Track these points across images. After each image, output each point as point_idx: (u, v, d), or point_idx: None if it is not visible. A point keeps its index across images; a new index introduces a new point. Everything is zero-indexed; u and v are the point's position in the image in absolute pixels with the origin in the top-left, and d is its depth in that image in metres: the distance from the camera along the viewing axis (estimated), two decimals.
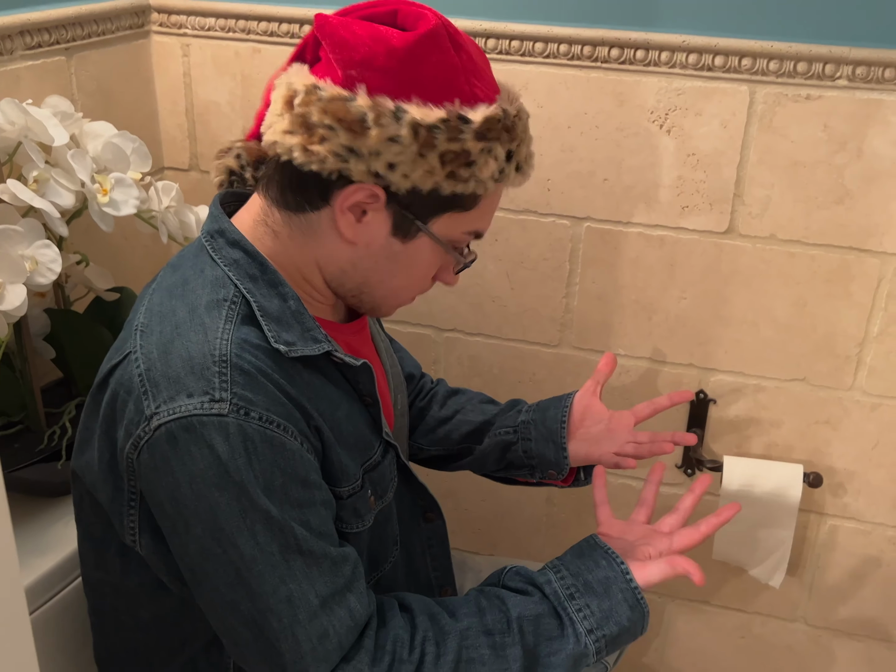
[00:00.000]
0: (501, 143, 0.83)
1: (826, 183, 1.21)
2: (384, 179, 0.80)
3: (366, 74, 0.78)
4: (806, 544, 1.41)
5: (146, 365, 0.79)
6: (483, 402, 1.23)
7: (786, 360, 1.32)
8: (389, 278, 0.90)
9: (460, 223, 0.87)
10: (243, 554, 0.77)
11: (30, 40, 1.14)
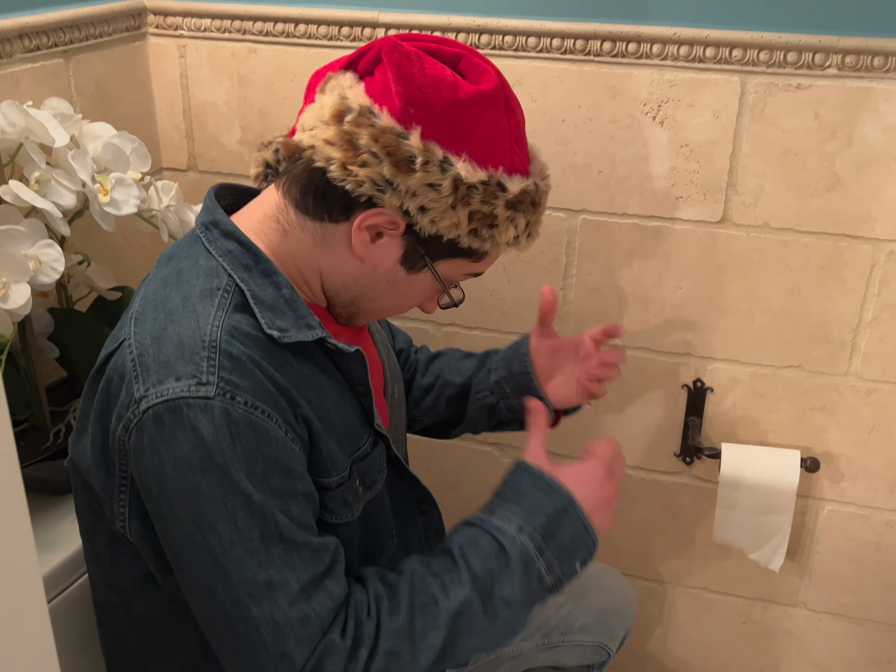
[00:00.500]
0: (525, 215, 0.87)
1: (818, 171, 1.22)
2: (412, 218, 0.83)
3: (423, 116, 0.81)
4: (804, 529, 1.43)
5: (139, 350, 0.81)
6: (461, 360, 1.23)
7: (781, 347, 1.33)
8: (382, 298, 0.93)
9: (464, 268, 0.91)
10: (222, 538, 0.78)
11: (28, 43, 1.15)
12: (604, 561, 1.55)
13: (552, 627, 1.24)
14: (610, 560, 1.55)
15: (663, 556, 1.53)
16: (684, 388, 1.40)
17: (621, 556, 1.54)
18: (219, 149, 1.45)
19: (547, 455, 0.95)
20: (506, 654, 1.23)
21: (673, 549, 1.52)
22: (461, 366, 1.22)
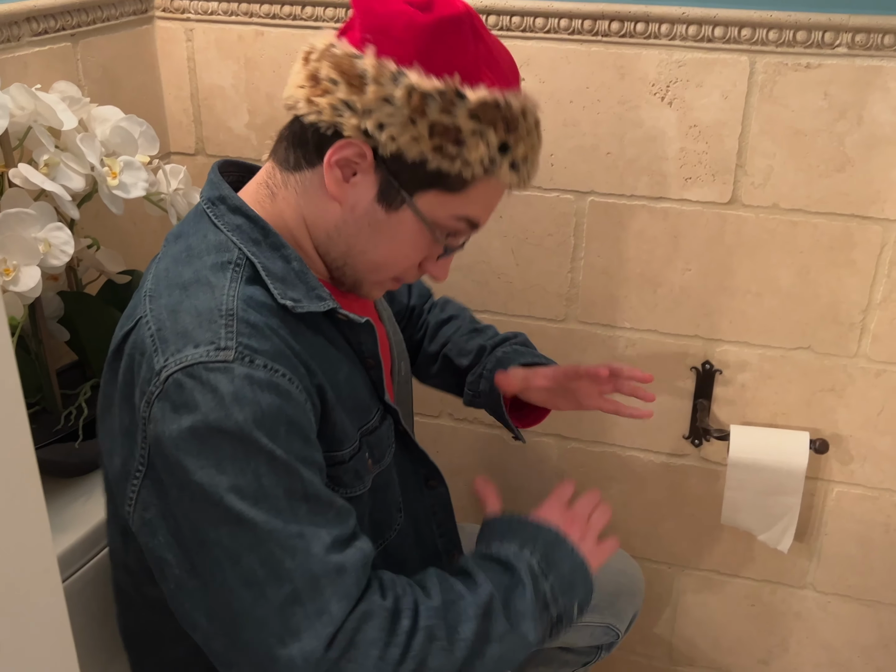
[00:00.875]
0: (496, 131, 0.82)
1: (827, 151, 1.21)
2: (373, 139, 0.82)
3: (379, 38, 0.81)
4: (813, 511, 1.43)
5: (157, 325, 0.81)
6: (466, 336, 1.23)
7: (790, 329, 1.33)
8: (372, 248, 0.89)
9: (447, 205, 0.87)
10: (246, 496, 0.76)
11: (36, 27, 1.15)
12: None
13: None
14: (619, 543, 1.55)
15: (672, 539, 1.53)
16: (693, 370, 1.39)
17: (630, 538, 1.55)
18: (226, 132, 1.45)
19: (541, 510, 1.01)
20: None
21: (681, 531, 1.52)
22: (463, 347, 1.22)
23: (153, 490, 0.82)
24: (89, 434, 1.13)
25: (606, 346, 1.42)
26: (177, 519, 0.80)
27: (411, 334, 1.27)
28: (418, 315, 1.27)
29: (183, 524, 0.79)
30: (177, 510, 0.80)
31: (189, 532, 0.79)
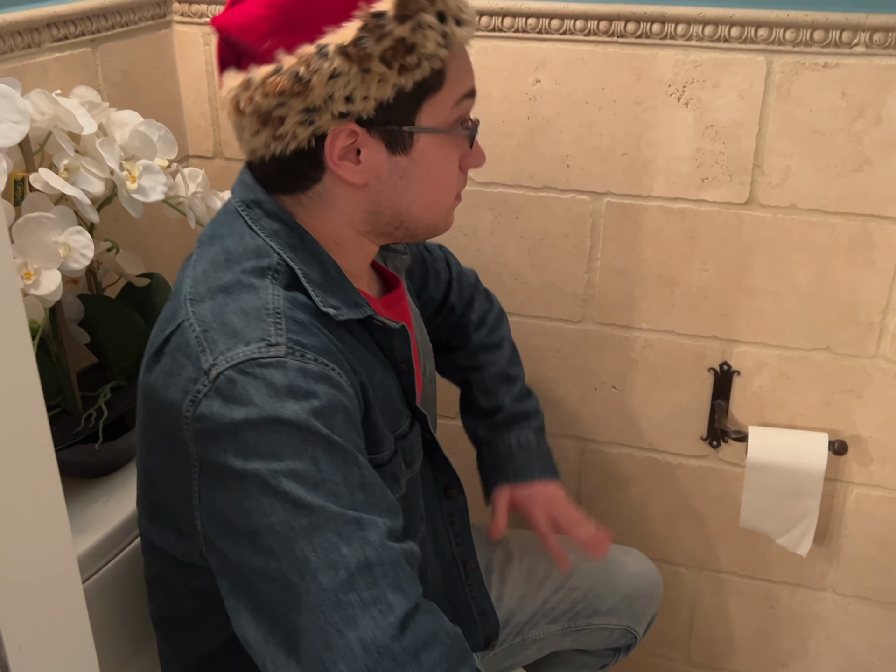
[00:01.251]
0: (426, 12, 0.81)
1: (845, 150, 1.21)
2: (350, 115, 0.82)
3: (275, 39, 0.79)
4: (833, 513, 1.42)
5: (202, 327, 0.81)
6: (495, 382, 1.24)
7: (809, 330, 1.32)
8: (416, 193, 0.89)
9: (443, 101, 0.86)
10: (304, 480, 0.74)
11: (56, 32, 1.16)
12: (630, 544, 1.55)
13: (578, 611, 1.25)
14: (636, 544, 1.55)
15: (690, 540, 1.53)
16: (710, 371, 1.39)
17: (648, 539, 1.54)
18: None
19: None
20: (532, 638, 1.24)
21: (699, 533, 1.51)
22: (489, 390, 1.24)
23: (210, 484, 0.80)
24: (109, 436, 1.14)
25: (623, 346, 1.42)
26: (232, 510, 0.78)
27: (446, 333, 1.26)
28: (461, 316, 1.25)
29: (237, 515, 0.77)
30: (233, 501, 0.78)
31: (244, 522, 0.77)
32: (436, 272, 1.22)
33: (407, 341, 0.93)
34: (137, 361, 1.21)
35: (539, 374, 1.47)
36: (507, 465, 1.21)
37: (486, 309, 1.29)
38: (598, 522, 1.55)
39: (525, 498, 1.19)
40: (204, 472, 0.80)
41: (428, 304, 1.22)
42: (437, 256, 1.23)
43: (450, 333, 1.27)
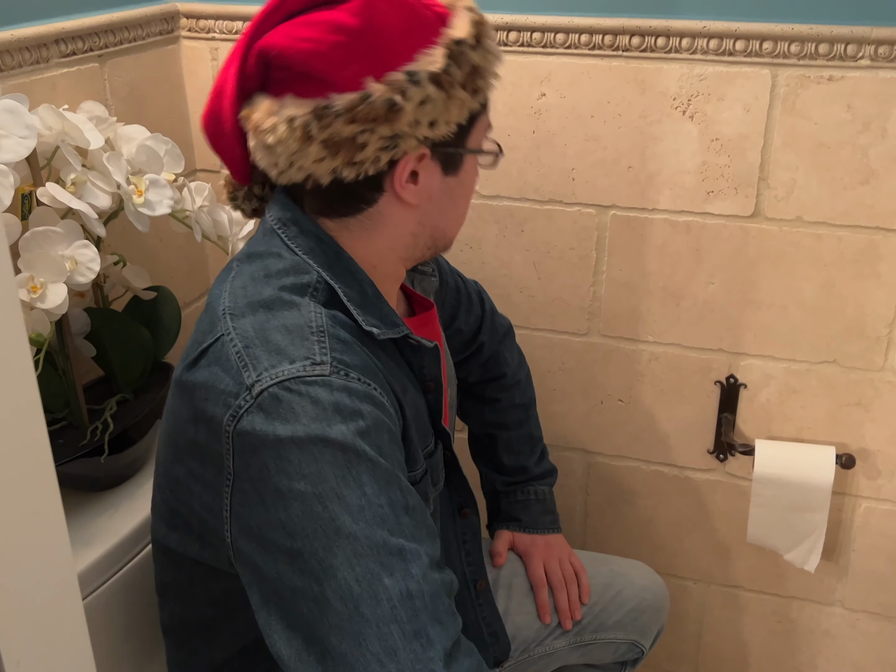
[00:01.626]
0: (489, 37, 0.84)
1: (851, 163, 1.21)
2: (430, 139, 0.82)
3: (358, 67, 0.79)
4: (841, 527, 1.41)
5: (244, 343, 0.80)
6: (520, 444, 1.30)
7: (815, 343, 1.32)
8: (453, 212, 0.92)
9: (483, 122, 0.89)
10: (350, 505, 0.73)
11: (64, 48, 1.17)
12: (637, 558, 1.54)
13: (585, 625, 1.24)
14: (643, 557, 1.54)
15: (697, 554, 1.52)
16: (717, 384, 1.39)
17: (655, 553, 1.54)
18: None
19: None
20: (539, 653, 1.23)
21: (707, 546, 1.51)
22: (515, 450, 1.30)
23: (245, 499, 0.78)
24: (115, 449, 1.14)
25: (629, 359, 1.42)
26: (272, 528, 0.76)
27: (475, 376, 1.28)
28: (491, 355, 1.28)
29: (278, 534, 0.76)
30: (272, 519, 0.76)
31: (285, 542, 0.75)
32: (468, 304, 1.22)
33: (438, 360, 0.94)
34: (143, 374, 1.22)
35: (545, 386, 1.47)
36: (523, 515, 1.28)
37: (519, 364, 1.32)
38: (605, 536, 1.55)
39: (527, 545, 1.26)
40: (238, 487, 0.79)
41: (456, 336, 1.22)
42: (471, 290, 1.24)
43: (481, 380, 1.29)
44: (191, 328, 1.49)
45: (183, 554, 0.92)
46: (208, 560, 0.89)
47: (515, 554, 1.27)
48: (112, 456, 1.13)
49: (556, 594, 1.22)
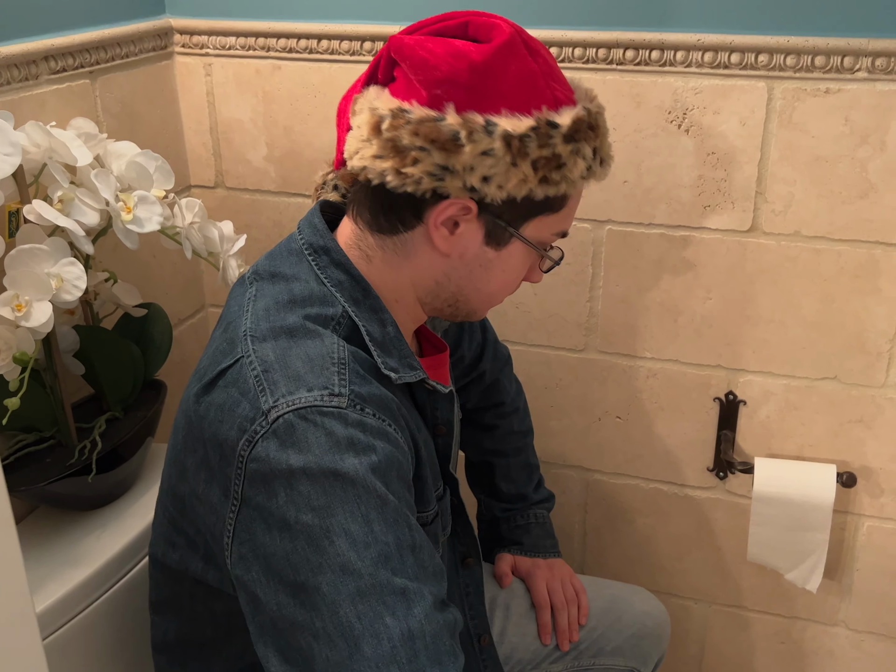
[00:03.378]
0: (588, 142, 0.84)
1: (850, 177, 1.19)
2: (478, 193, 0.82)
3: (451, 92, 0.80)
4: (843, 546, 1.39)
5: (263, 367, 0.80)
6: (519, 472, 1.30)
7: (815, 359, 1.29)
8: (484, 285, 0.91)
9: (550, 225, 0.88)
10: (356, 541, 0.73)
11: (54, 65, 1.17)
12: (637, 578, 1.52)
13: (583, 650, 1.22)
14: (643, 577, 1.52)
15: (698, 573, 1.49)
16: (716, 400, 1.36)
17: (655, 573, 1.51)
18: (245, 165, 1.46)
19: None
20: None
21: (708, 565, 1.48)
22: (513, 478, 1.30)
23: (250, 526, 0.78)
24: (105, 467, 1.13)
25: (627, 375, 1.40)
26: (276, 559, 0.75)
27: (473, 403, 1.28)
28: (491, 382, 1.27)
29: (281, 565, 0.75)
30: (277, 550, 0.75)
31: (288, 574, 0.74)
32: (471, 331, 1.22)
33: (452, 405, 0.93)
34: (133, 392, 1.21)
35: (542, 403, 1.45)
36: (524, 539, 1.27)
37: (518, 392, 1.31)
38: (603, 554, 1.53)
39: (529, 567, 1.25)
40: (244, 513, 0.78)
41: (458, 363, 1.21)
42: None
43: (479, 407, 1.28)
44: (184, 347, 1.50)
45: (184, 571, 0.90)
46: (211, 580, 0.88)
47: (516, 577, 1.26)
48: (100, 475, 1.12)
49: (557, 615, 1.20)
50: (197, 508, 0.84)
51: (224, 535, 0.80)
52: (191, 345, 1.54)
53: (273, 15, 1.34)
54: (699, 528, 1.46)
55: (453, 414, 0.94)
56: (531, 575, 1.24)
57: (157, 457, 1.27)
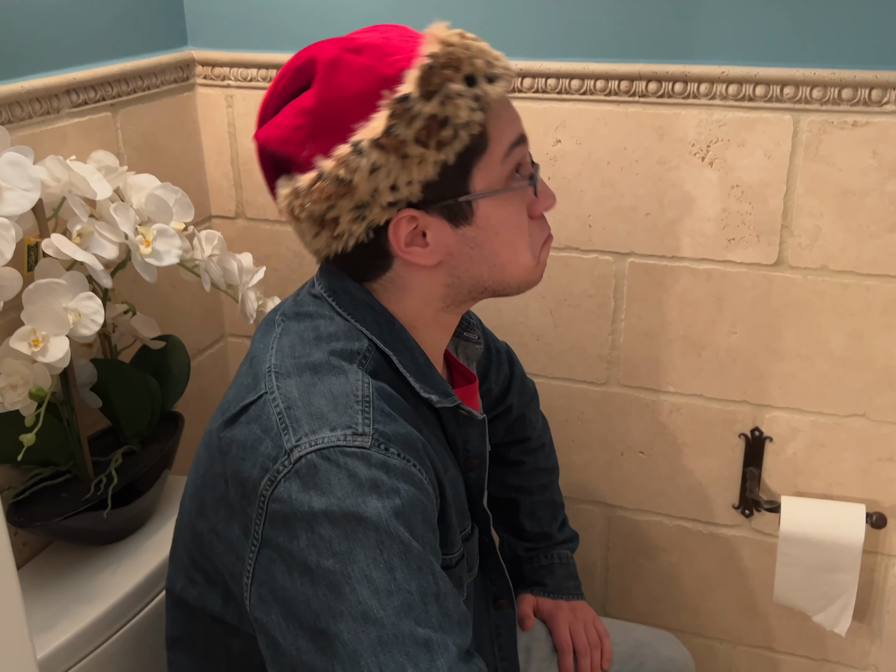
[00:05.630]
0: (453, 81, 0.78)
1: (878, 211, 1.16)
2: (403, 199, 0.80)
3: (313, 146, 0.79)
4: (874, 588, 1.35)
5: (286, 404, 0.78)
6: (543, 510, 1.27)
7: (844, 395, 1.26)
8: (495, 258, 0.86)
9: (491, 161, 0.82)
10: (378, 589, 0.70)
11: (76, 98, 1.17)
12: (660, 616, 1.49)
13: None
14: (667, 616, 1.49)
15: (723, 613, 1.46)
16: (741, 437, 1.34)
17: (679, 612, 1.48)
18: (266, 196, 1.44)
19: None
20: None
21: (733, 605, 1.45)
22: (538, 516, 1.27)
23: (270, 567, 0.76)
24: (121, 501, 1.12)
25: (650, 410, 1.38)
26: (296, 602, 0.73)
27: (499, 437, 1.25)
28: (518, 417, 1.25)
29: (301, 609, 0.73)
30: (297, 594, 0.73)
31: (308, 619, 0.72)
32: (499, 364, 1.20)
33: (484, 435, 0.91)
34: (150, 425, 1.20)
35: (563, 437, 1.43)
36: (547, 580, 1.24)
37: (544, 428, 1.29)
38: (626, 592, 1.50)
39: (552, 609, 1.22)
40: (264, 554, 0.76)
41: (485, 396, 1.19)
42: (501, 349, 1.21)
43: (505, 442, 1.26)
44: (202, 377, 1.50)
45: (202, 609, 0.89)
46: (229, 618, 0.86)
47: (538, 619, 1.23)
48: (116, 509, 1.11)
49: (580, 659, 1.17)
50: (216, 546, 0.83)
51: (243, 574, 0.78)
52: (209, 375, 1.53)
53: (293, 47, 1.33)
54: (724, 566, 1.43)
55: (485, 446, 0.92)
56: (553, 617, 1.21)
57: (174, 490, 1.26)
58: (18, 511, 1.09)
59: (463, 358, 1.04)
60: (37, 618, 1.06)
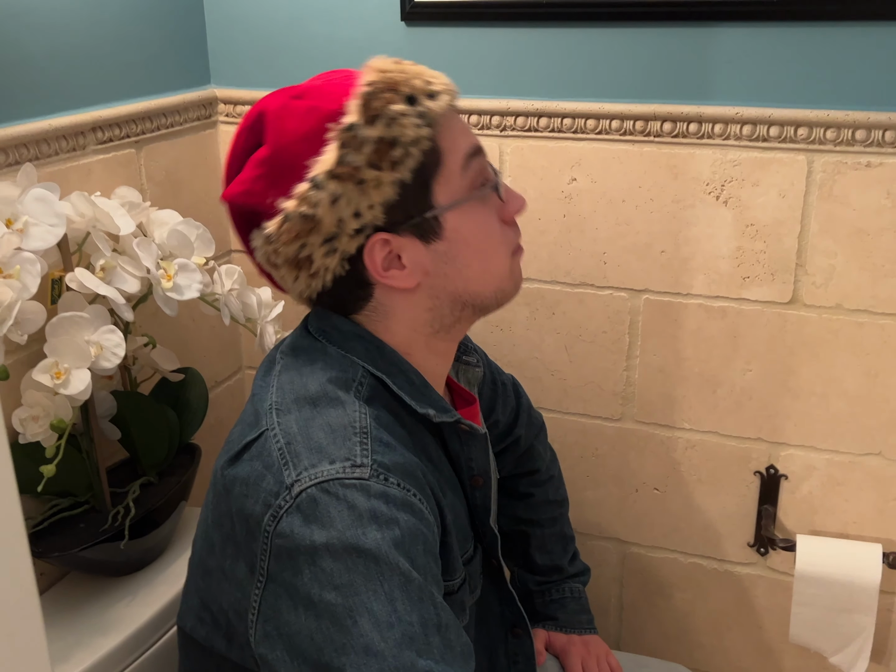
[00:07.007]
0: (394, 103, 0.80)
1: (893, 250, 1.17)
2: (367, 228, 0.81)
3: (273, 191, 0.81)
4: (891, 629, 1.33)
5: (286, 439, 0.79)
6: (554, 543, 1.26)
7: (859, 434, 1.26)
8: (468, 270, 0.86)
9: (449, 173, 0.84)
10: (379, 621, 0.71)
11: (101, 135, 1.20)
12: (675, 655, 1.48)
13: None
14: (681, 654, 1.47)
15: (738, 652, 1.45)
16: (756, 474, 1.33)
17: (693, 650, 1.47)
18: None
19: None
20: None
21: (748, 644, 1.43)
22: (549, 549, 1.26)
23: (275, 603, 0.76)
24: (138, 532, 1.13)
25: (665, 446, 1.38)
26: (300, 637, 0.74)
27: (507, 469, 1.25)
28: (526, 449, 1.25)
29: (305, 644, 0.73)
30: (302, 628, 0.74)
31: (312, 654, 0.73)
32: (505, 396, 1.20)
33: (486, 452, 0.91)
34: (168, 457, 1.21)
35: (578, 473, 1.43)
36: (559, 614, 1.23)
37: (552, 460, 1.29)
38: (640, 630, 1.49)
39: (564, 644, 1.21)
40: (270, 590, 0.77)
41: (492, 429, 1.20)
42: (506, 381, 1.22)
43: (514, 474, 1.25)
44: (220, 408, 1.51)
45: (210, 648, 0.89)
46: (235, 658, 0.86)
47: (550, 654, 1.22)
48: (132, 541, 1.11)
49: None
50: (223, 584, 0.83)
51: (249, 611, 0.79)
52: (227, 407, 1.55)
53: None
54: (739, 605, 1.42)
55: (489, 463, 0.91)
56: (566, 652, 1.20)
57: (190, 522, 1.26)
58: (37, 541, 1.10)
59: (464, 382, 1.05)
60: (53, 648, 1.06)
